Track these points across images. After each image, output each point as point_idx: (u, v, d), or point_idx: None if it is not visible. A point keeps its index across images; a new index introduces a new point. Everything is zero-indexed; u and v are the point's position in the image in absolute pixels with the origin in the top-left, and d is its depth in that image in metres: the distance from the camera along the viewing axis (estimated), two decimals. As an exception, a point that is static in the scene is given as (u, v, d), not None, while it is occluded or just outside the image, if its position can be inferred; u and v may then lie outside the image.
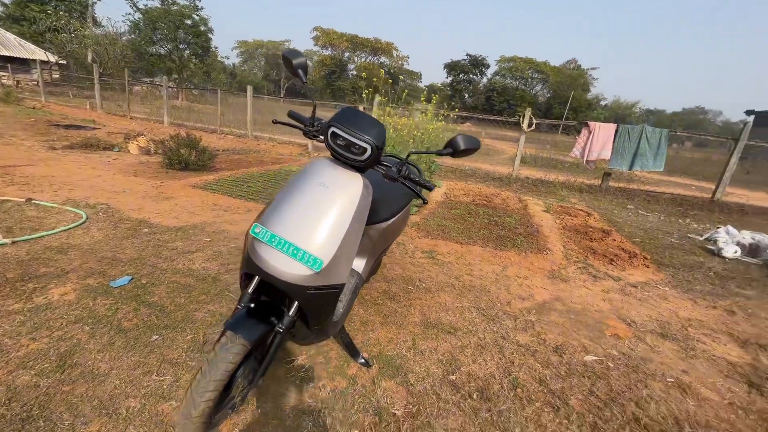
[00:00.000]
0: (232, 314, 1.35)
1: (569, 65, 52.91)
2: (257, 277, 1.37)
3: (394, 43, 51.64)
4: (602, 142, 6.96)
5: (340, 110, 1.44)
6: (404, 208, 2.09)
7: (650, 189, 7.21)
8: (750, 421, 1.70)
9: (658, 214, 6.00)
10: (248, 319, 1.34)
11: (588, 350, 2.13)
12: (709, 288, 3.18)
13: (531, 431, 1.53)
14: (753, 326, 2.59)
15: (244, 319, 1.33)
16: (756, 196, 8.07)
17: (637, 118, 62.05)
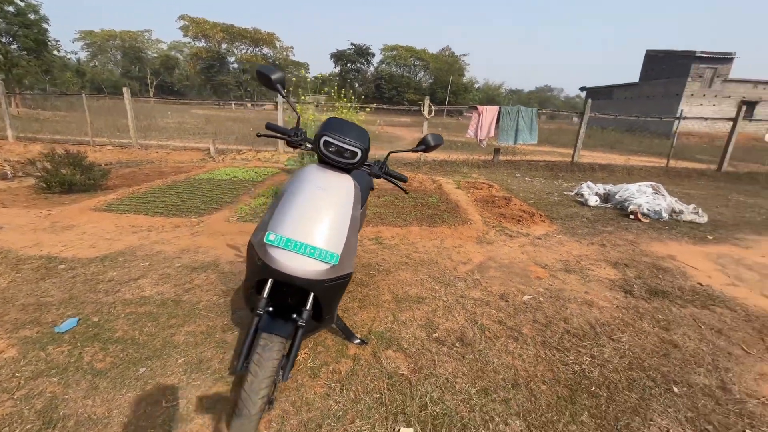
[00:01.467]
0: (255, 323, 1.43)
1: (444, 52, 57.80)
2: (269, 282, 1.48)
3: (276, 34, 49.30)
4: (489, 122, 8.09)
5: (328, 120, 1.61)
6: (367, 197, 2.34)
7: (529, 159, 8.69)
8: (630, 315, 2.44)
9: (539, 178, 7.33)
10: (275, 319, 1.46)
11: (524, 292, 2.70)
12: (585, 230, 4.16)
13: (504, 359, 1.97)
14: (617, 252, 3.55)
15: (271, 321, 1.45)
16: (596, 156, 10.33)
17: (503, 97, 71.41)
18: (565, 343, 2.12)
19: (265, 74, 1.60)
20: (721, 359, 2.04)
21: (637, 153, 12.01)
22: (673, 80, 21.43)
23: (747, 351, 2.13)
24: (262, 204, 4.53)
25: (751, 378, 1.91)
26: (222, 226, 3.79)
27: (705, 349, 2.12)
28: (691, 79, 20.54)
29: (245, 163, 7.80)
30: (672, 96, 21.10)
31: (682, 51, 21.10)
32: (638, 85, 24.26)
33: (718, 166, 8.53)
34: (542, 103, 73.40)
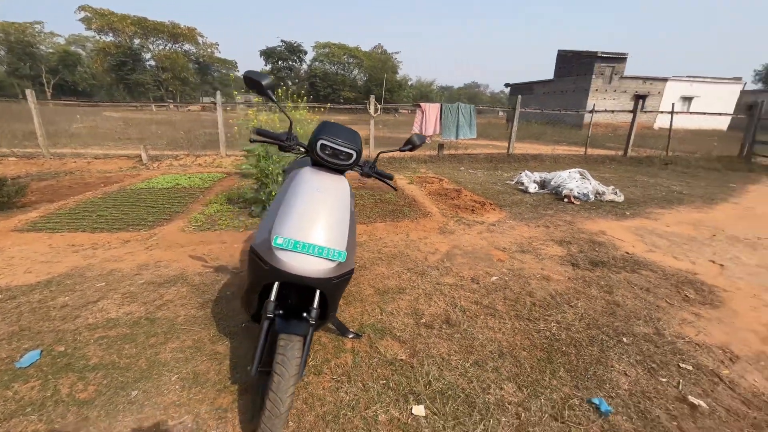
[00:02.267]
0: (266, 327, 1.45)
1: (377, 50, 58.46)
2: (276, 285, 1.51)
3: (197, 29, 45.78)
4: (433, 119, 8.48)
5: (322, 124, 1.67)
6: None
7: (470, 152, 9.27)
8: (580, 284, 2.83)
9: (481, 170, 7.89)
10: (288, 320, 1.50)
11: (490, 274, 2.98)
12: (530, 215, 4.64)
13: (487, 334, 2.19)
14: (560, 232, 4.03)
15: (285, 322, 1.48)
16: (526, 147, 11.34)
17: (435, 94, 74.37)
18: (534, 314, 2.41)
19: (256, 80, 1.60)
20: (652, 312, 2.47)
21: (559, 143, 13.39)
22: (581, 77, 24.16)
23: (669, 303, 2.60)
24: (217, 212, 4.33)
25: (677, 323, 2.35)
26: (179, 237, 3.57)
27: (640, 305, 2.55)
28: (595, 76, 23.33)
29: (184, 169, 7.29)
30: (581, 91, 23.80)
31: (587, 51, 23.88)
32: (554, 81, 26.92)
33: (624, 152, 9.89)
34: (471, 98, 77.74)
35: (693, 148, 11.14)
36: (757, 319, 2.44)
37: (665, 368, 1.94)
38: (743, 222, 4.59)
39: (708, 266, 3.23)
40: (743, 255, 3.49)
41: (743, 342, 2.19)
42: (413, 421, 1.57)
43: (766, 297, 2.72)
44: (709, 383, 1.84)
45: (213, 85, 49.43)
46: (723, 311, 2.51)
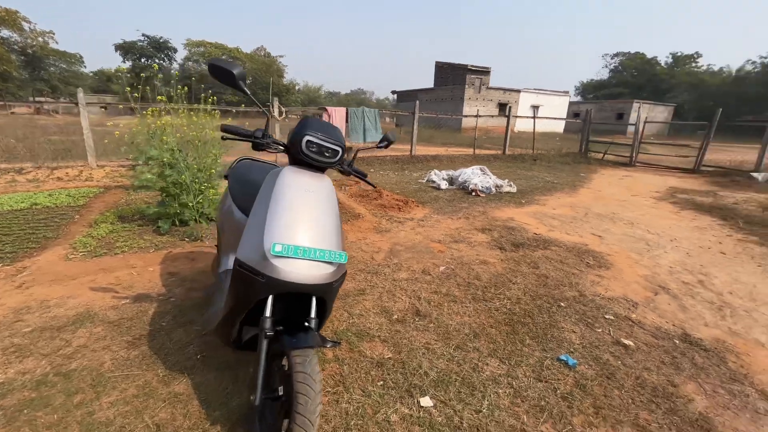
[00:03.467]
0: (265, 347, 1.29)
1: (260, 52, 55.68)
2: (270, 299, 1.37)
3: (20, 12, 36.38)
4: (340, 123, 8.51)
5: (305, 120, 1.54)
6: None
7: (377, 155, 9.59)
8: (511, 263, 3.22)
9: (390, 171, 8.24)
10: (294, 335, 1.35)
11: (437, 264, 3.16)
12: (450, 209, 5.05)
13: (456, 319, 2.32)
14: (479, 222, 4.50)
15: (292, 337, 1.33)
16: (423, 149, 12.28)
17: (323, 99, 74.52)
18: (487, 295, 2.65)
19: (226, 69, 1.41)
20: (571, 278, 2.97)
21: (447, 145, 14.86)
22: (457, 86, 27.28)
23: (579, 270, 3.16)
24: (111, 232, 3.57)
25: (589, 285, 2.88)
26: (64, 267, 2.84)
27: (561, 275, 3.03)
28: (467, 86, 26.62)
29: (37, 185, 5.76)
30: (458, 99, 26.88)
31: (459, 64, 27.14)
32: (435, 89, 29.76)
33: (503, 150, 11.55)
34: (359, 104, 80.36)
35: (545, 146, 13.62)
36: (636, 272, 3.14)
37: (597, 321, 2.35)
38: (599, 202, 5.83)
39: (591, 238, 4.01)
40: (610, 227, 4.45)
41: (634, 292, 2.80)
42: (425, 413, 1.58)
43: (635, 256, 3.52)
44: (628, 326, 2.31)
45: (50, 83, 39.98)
46: (614, 271, 3.17)
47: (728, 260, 3.52)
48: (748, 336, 2.26)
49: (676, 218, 5.00)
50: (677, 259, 3.50)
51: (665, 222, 4.77)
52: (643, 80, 46.74)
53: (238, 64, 1.46)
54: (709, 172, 9.40)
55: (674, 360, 1.99)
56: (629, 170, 9.96)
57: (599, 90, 49.91)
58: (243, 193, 2.05)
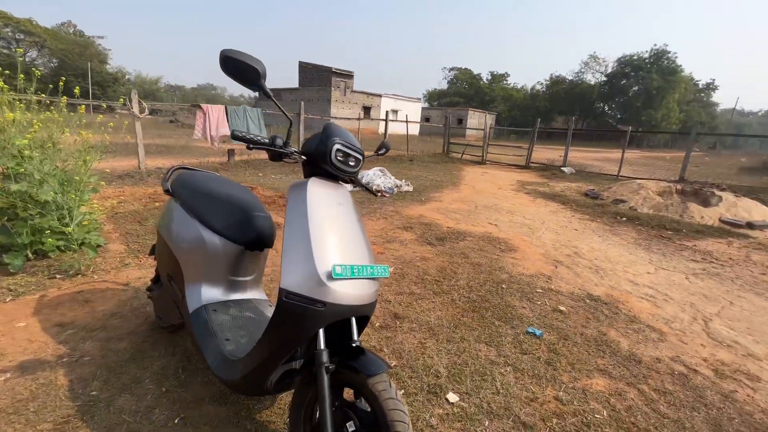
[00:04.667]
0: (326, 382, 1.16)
1: (67, 28, 44.05)
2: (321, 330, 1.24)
3: None
4: (217, 121, 7.57)
5: (330, 126, 1.40)
6: None
7: (262, 157, 8.91)
8: (446, 256, 3.54)
9: (280, 174, 7.80)
10: (357, 360, 1.23)
11: (386, 266, 3.22)
12: (366, 209, 5.16)
13: (431, 315, 2.45)
14: (397, 220, 4.75)
15: (355, 364, 1.21)
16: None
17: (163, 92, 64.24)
18: (444, 288, 2.87)
19: (248, 65, 1.19)
20: (496, 262, 3.47)
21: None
22: (322, 88, 27.51)
23: (497, 255, 3.71)
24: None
25: (511, 266, 3.42)
26: None
27: (486, 260, 3.50)
28: (333, 88, 27.16)
29: None
30: (324, 100, 27.15)
31: (323, 66, 27.43)
32: (300, 90, 29.25)
33: (383, 152, 12.30)
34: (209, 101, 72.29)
35: (412, 147, 15.13)
36: (535, 252, 3.89)
37: (533, 295, 2.84)
38: (479, 196, 6.88)
39: (491, 227, 4.74)
40: (498, 216, 5.33)
41: (542, 267, 3.47)
42: (457, 408, 1.65)
43: (526, 239, 4.33)
44: (554, 295, 2.86)
45: None
46: (520, 253, 3.84)
47: (581, 234, 4.69)
48: (621, 288, 3.10)
49: (535, 205, 6.33)
50: (552, 237, 4.47)
51: (531, 209, 5.99)
52: (473, 92, 56.42)
53: (259, 60, 1.23)
54: (535, 167, 12.13)
55: (593, 315, 2.59)
56: (484, 168, 11.98)
57: (441, 98, 57.85)
58: (210, 211, 1.70)
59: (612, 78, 45.36)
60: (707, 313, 2.75)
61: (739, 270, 3.71)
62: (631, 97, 43.54)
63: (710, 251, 4.27)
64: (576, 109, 46.46)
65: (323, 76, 27.26)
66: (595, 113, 47.31)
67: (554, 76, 51.15)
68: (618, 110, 46.53)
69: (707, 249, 4.35)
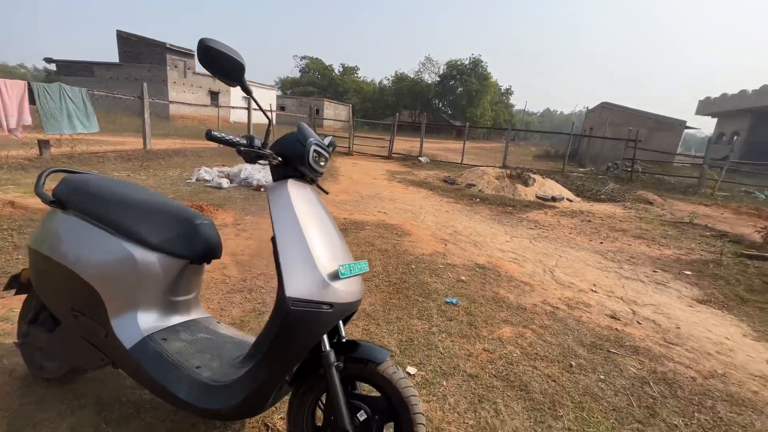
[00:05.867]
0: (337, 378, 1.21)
1: None
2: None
3: None
4: (16, 104, 5.65)
5: (303, 126, 1.35)
6: None
7: (96, 150, 7.07)
8: (353, 246, 3.70)
9: (127, 171, 6.43)
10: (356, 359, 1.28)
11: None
12: (256, 208, 4.81)
13: (364, 303, 2.59)
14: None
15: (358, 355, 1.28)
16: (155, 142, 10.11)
17: None
18: (365, 276, 3.03)
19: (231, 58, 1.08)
20: (398, 246, 3.82)
21: (169, 136, 12.81)
22: (155, 66, 23.09)
23: (396, 240, 4.08)
24: None
25: (411, 248, 3.83)
26: None
27: (390, 245, 3.82)
28: (169, 67, 23.13)
29: None
30: (160, 82, 22.86)
31: (155, 40, 22.97)
32: (122, 66, 23.74)
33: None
34: None
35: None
36: (424, 233, 4.43)
37: (438, 271, 3.29)
38: (359, 186, 7.23)
39: (382, 215, 5.12)
40: (384, 204, 5.77)
41: (435, 246, 4.01)
42: (419, 377, 1.87)
43: (414, 223, 4.87)
44: (452, 268, 3.39)
45: None
46: (413, 236, 4.31)
47: (452, 215, 5.55)
48: (495, 256, 3.89)
49: (409, 192, 7.08)
50: (433, 220, 5.15)
51: (408, 196, 6.68)
52: (326, 82, 56.94)
53: (238, 52, 1.11)
54: (397, 158, 13.35)
55: (485, 279, 3.21)
56: (352, 158, 12.49)
57: (295, 87, 56.39)
58: (137, 222, 1.42)
59: (443, 79, 52.83)
60: (550, 265, 3.75)
61: (557, 232, 5.11)
62: (458, 96, 51.75)
63: (537, 220, 5.71)
64: (418, 104, 52.42)
65: (155, 53, 22.86)
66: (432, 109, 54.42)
67: (398, 73, 56.20)
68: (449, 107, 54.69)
69: (535, 219, 5.80)
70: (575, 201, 7.55)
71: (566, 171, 12.29)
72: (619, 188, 9.28)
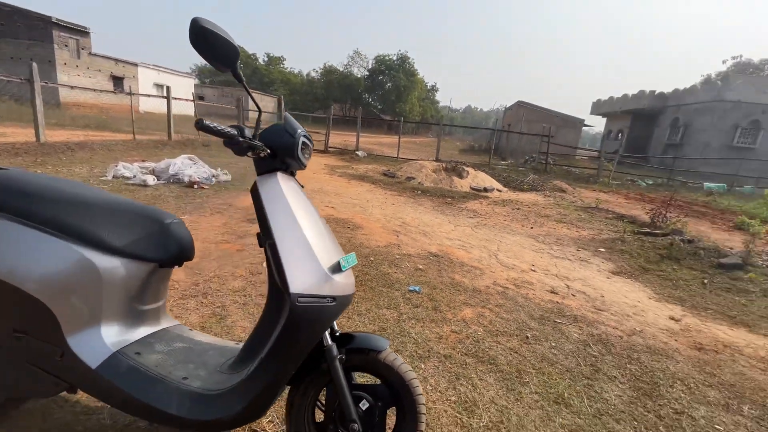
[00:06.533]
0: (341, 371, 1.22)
1: None
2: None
3: None
4: None
5: (289, 118, 1.30)
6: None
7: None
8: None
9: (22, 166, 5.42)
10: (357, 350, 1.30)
11: (253, 264, 3.01)
12: (191, 207, 4.40)
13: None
14: (235, 214, 4.34)
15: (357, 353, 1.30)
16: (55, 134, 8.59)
17: None
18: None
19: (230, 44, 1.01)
20: (354, 240, 3.83)
21: (66, 127, 11.03)
22: (38, 44, 19.45)
23: (351, 234, 4.07)
24: None
25: (366, 241, 3.86)
26: None
27: (345, 239, 3.81)
28: (58, 46, 19.70)
29: None
30: (45, 62, 19.33)
31: (37, 13, 19.31)
32: (-10, 41, 19.55)
33: (168, 136, 10.26)
34: None
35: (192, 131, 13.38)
36: (376, 226, 4.49)
37: (396, 261, 3.38)
38: (302, 181, 6.99)
39: (331, 210, 5.05)
40: (331, 199, 5.70)
41: (388, 238, 4.09)
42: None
43: (364, 216, 4.90)
44: (408, 258, 3.50)
45: None
46: (366, 229, 4.35)
47: (398, 207, 5.70)
48: (444, 244, 4.10)
49: (353, 186, 7.07)
50: (381, 212, 5.24)
51: (352, 190, 6.67)
52: (249, 72, 53.55)
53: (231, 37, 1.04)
54: (333, 151, 13.19)
55: (440, 267, 3.38)
56: (287, 153, 12.02)
57: (215, 76, 52.10)
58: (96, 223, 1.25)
59: (372, 73, 53.23)
60: (493, 250, 4.08)
61: (494, 219, 5.56)
62: (387, 91, 52.60)
63: (475, 210, 6.14)
64: (348, 98, 52.16)
65: (37, 28, 19.23)
66: (363, 103, 54.61)
67: (327, 65, 55.17)
68: (378, 102, 55.36)
69: (473, 208, 6.22)
70: (504, 191, 8.26)
71: (491, 164, 13.34)
72: (538, 179, 10.37)
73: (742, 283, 3.66)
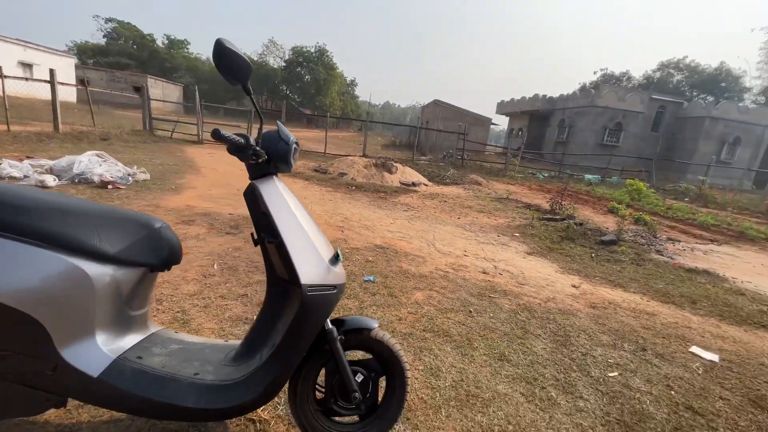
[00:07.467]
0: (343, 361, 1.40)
1: None
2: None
3: None
4: None
5: (281, 126, 1.41)
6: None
7: None
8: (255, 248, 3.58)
9: None
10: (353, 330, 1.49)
11: (204, 266, 2.92)
12: (107, 209, 3.96)
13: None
14: (168, 215, 4.04)
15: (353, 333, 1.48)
16: None
17: None
18: (282, 268, 3.04)
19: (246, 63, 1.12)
20: (301, 238, 3.88)
21: None
22: None
23: (295, 231, 4.11)
24: None
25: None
26: None
27: (293, 238, 3.85)
28: None
29: None
30: None
31: None
32: None
33: (55, 127, 8.73)
34: None
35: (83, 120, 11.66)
36: (319, 221, 4.56)
37: (346, 256, 3.55)
38: (229, 178, 6.69)
39: (268, 207, 4.96)
40: (266, 196, 5.56)
41: (334, 233, 4.23)
42: (370, 345, 2.14)
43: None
44: (356, 251, 3.70)
45: None
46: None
47: (336, 203, 5.83)
48: (387, 236, 4.39)
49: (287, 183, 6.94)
50: (320, 208, 5.32)
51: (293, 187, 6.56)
52: (146, 55, 47.38)
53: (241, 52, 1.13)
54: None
55: (387, 258, 3.65)
56: (206, 148, 11.17)
57: (102, 57, 44.91)
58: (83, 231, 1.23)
59: (290, 65, 51.35)
60: (429, 239, 4.50)
61: (426, 212, 6.04)
62: (306, 84, 51.31)
63: (407, 203, 6.57)
64: (264, 89, 49.55)
65: None
66: (280, 95, 52.37)
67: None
68: (296, 94, 53.69)
69: (405, 202, 6.65)
70: (430, 185, 8.90)
71: (414, 159, 14.12)
72: (457, 173, 11.35)
73: (617, 255, 4.66)
